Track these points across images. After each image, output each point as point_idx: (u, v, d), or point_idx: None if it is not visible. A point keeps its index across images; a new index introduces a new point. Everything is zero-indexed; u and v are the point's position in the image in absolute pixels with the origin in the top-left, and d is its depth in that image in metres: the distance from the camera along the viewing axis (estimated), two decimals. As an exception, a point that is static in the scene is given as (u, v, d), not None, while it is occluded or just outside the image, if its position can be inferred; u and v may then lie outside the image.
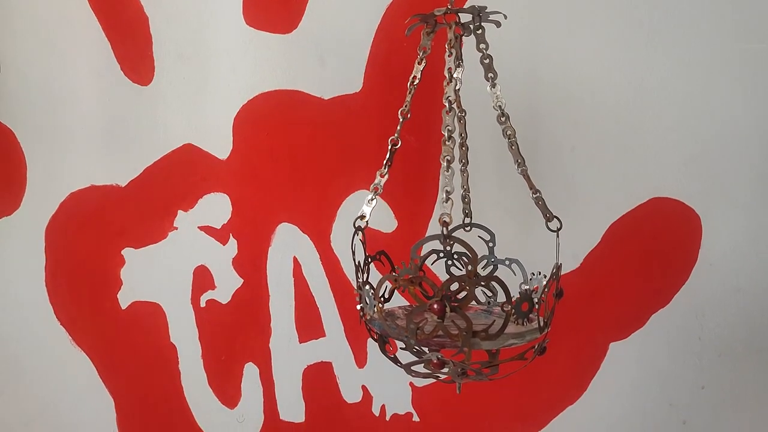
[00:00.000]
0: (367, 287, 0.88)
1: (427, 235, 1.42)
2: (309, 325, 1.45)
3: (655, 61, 1.40)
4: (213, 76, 1.42)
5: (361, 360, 1.46)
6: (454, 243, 0.83)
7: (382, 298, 0.88)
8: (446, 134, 0.85)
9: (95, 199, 1.42)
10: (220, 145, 1.43)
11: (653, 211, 1.43)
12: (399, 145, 0.94)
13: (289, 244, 1.44)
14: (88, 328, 1.44)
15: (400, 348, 0.92)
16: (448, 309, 0.79)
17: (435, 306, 0.79)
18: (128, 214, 1.43)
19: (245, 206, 1.44)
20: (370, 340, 1.44)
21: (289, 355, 1.45)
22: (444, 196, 0.81)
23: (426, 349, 0.86)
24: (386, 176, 0.93)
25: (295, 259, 1.45)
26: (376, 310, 0.86)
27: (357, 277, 0.91)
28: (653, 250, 1.45)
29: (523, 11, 1.35)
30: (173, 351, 1.45)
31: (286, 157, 1.44)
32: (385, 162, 0.94)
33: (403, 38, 1.41)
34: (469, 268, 0.80)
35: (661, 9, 1.39)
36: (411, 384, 1.46)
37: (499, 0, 1.11)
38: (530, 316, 0.85)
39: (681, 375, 1.45)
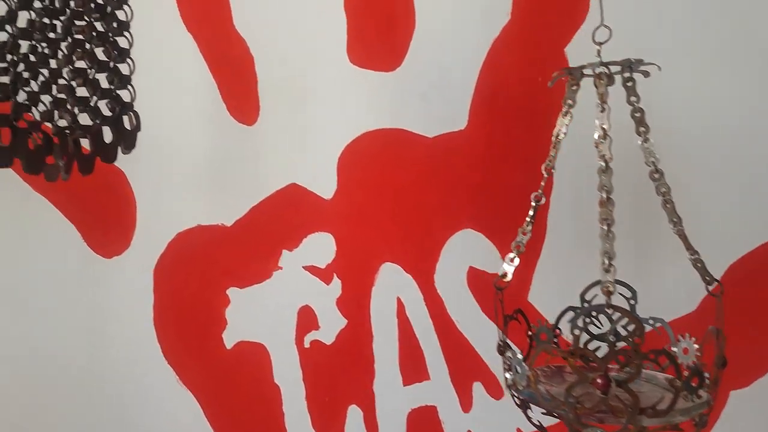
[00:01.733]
0: (519, 356, 0.84)
1: (536, 273, 1.38)
2: (413, 368, 1.42)
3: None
4: (317, 116, 1.42)
5: (466, 404, 1.42)
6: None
7: (533, 366, 0.84)
8: (604, 195, 0.80)
9: (202, 238, 1.43)
10: (324, 184, 1.42)
11: (776, 252, 1.35)
12: (543, 201, 0.91)
13: (392, 284, 1.42)
14: (194, 367, 1.44)
15: (541, 413, 0.88)
16: (613, 384, 0.75)
17: (599, 381, 0.75)
18: (234, 254, 1.43)
19: (349, 246, 1.42)
20: (475, 383, 1.41)
21: (393, 397, 1.43)
22: (606, 263, 0.77)
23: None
24: (528, 234, 0.90)
25: (399, 300, 1.43)
26: (529, 378, 0.82)
27: (500, 340, 0.88)
28: (776, 292, 1.37)
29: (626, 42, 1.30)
30: (277, 391, 1.44)
31: (390, 196, 1.42)
32: (528, 219, 0.90)
33: (509, 74, 1.38)
34: (634, 340, 0.76)
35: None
36: (518, 430, 1.41)
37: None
38: (699, 391, 0.80)
39: (807, 427, 1.36)
